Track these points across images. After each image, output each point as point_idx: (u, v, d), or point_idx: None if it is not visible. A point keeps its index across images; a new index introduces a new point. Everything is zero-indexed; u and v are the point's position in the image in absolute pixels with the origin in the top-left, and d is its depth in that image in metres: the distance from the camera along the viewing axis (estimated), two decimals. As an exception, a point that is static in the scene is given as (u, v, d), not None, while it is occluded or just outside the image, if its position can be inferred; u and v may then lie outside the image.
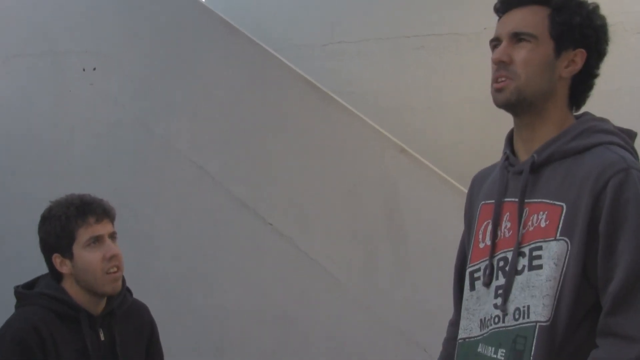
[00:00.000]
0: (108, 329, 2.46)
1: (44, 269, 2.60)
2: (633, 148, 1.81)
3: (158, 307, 3.23)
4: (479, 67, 3.93)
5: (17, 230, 4.44)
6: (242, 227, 4.19)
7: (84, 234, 2.42)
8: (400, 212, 4.04)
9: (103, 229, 2.43)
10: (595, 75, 1.86)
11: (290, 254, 4.14)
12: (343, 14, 5.51)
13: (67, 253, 2.43)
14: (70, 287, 2.43)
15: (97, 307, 2.45)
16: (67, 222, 2.41)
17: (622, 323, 1.63)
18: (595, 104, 1.90)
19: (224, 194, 4.24)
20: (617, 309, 1.64)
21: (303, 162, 4.20)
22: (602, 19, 1.86)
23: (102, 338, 2.44)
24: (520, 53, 1.77)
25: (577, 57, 1.81)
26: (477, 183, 1.99)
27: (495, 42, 1.84)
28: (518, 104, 1.78)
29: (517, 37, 1.79)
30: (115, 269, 2.43)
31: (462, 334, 1.87)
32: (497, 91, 1.80)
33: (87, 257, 2.41)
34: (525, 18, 1.79)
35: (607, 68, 5.56)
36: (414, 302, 3.91)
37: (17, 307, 2.45)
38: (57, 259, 2.43)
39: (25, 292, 2.45)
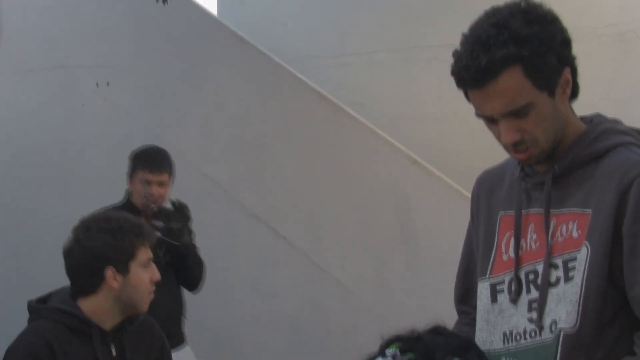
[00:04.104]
0: (119, 344, 2.47)
1: (55, 280, 2.61)
2: None
3: (170, 320, 3.23)
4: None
5: (30, 242, 4.46)
6: (255, 239, 4.19)
7: (142, 254, 2.46)
8: (412, 222, 4.03)
9: (150, 253, 2.51)
10: (576, 68, 1.77)
11: (303, 265, 4.13)
12: (354, 25, 5.52)
13: (124, 268, 2.44)
14: (99, 301, 2.43)
15: (112, 323, 2.46)
16: (134, 238, 2.45)
17: None
18: (608, 111, 1.88)
19: (236, 205, 4.25)
20: None
21: (315, 173, 4.20)
22: (559, 27, 1.68)
23: (114, 353, 2.44)
24: (528, 124, 1.65)
25: (567, 76, 1.69)
26: (485, 184, 1.89)
27: (487, 119, 1.69)
28: (547, 156, 1.73)
29: (515, 113, 1.64)
30: (153, 292, 2.50)
31: (479, 347, 1.83)
32: (523, 160, 1.71)
33: (141, 276, 2.46)
34: (510, 91, 1.62)
35: (620, 75, 5.52)
36: (427, 313, 3.88)
37: (30, 321, 2.46)
38: (110, 271, 2.42)
39: (38, 307, 2.45)
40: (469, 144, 5.16)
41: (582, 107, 1.86)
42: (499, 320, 1.78)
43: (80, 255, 2.40)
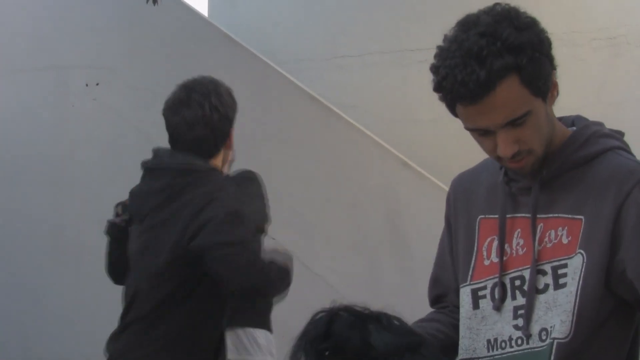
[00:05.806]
0: None
1: (47, 279, 2.60)
2: (629, 147, 1.75)
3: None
4: (482, 79, 3.92)
5: (20, 242, 4.44)
6: (245, 240, 4.18)
7: None
8: (403, 225, 4.03)
9: None
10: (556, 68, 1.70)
11: (293, 267, 4.12)
12: (346, 27, 5.52)
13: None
14: (217, 163, 2.74)
15: None
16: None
17: None
18: (599, 115, 1.87)
19: (227, 207, 4.25)
20: None
21: (305, 175, 4.19)
22: (542, 29, 1.63)
23: None
24: (525, 132, 1.61)
25: (554, 79, 1.65)
26: (461, 187, 1.85)
27: (480, 132, 1.64)
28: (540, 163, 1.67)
29: (513, 123, 1.59)
30: None
31: (463, 355, 1.79)
32: (517, 168, 1.67)
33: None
34: (509, 102, 1.57)
35: (611, 79, 5.53)
36: (418, 315, 3.88)
37: (187, 186, 2.64)
38: (232, 131, 2.76)
39: (203, 171, 2.68)
40: (460, 146, 5.16)
41: (573, 111, 1.85)
42: (482, 327, 1.73)
43: (221, 119, 2.70)
